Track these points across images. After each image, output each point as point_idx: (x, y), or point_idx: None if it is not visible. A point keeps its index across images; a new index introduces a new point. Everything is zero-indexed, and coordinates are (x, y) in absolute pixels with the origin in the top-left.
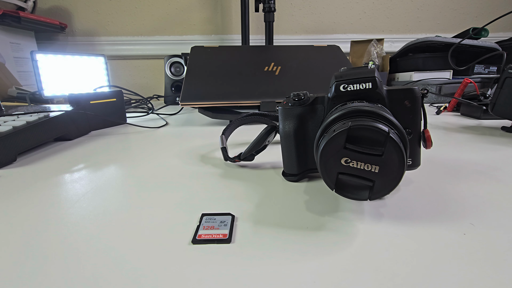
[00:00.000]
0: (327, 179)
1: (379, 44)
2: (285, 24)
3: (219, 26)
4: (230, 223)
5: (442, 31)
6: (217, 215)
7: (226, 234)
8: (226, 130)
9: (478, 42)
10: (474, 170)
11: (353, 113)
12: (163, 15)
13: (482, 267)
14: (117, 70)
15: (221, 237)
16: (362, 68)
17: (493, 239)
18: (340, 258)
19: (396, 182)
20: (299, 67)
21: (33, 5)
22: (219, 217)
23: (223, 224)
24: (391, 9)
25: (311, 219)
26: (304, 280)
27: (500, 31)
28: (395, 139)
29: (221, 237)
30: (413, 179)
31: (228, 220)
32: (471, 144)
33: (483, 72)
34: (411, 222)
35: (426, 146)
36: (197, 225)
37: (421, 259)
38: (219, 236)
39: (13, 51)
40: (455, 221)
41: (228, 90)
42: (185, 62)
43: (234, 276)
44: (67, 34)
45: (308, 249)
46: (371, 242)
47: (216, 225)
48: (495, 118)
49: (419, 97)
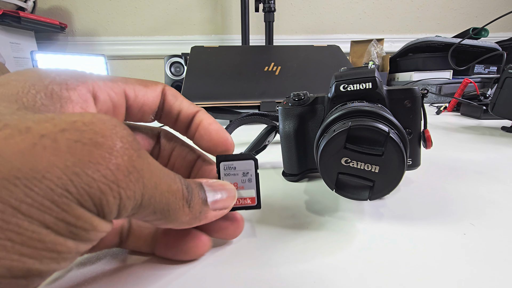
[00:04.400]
0: (327, 179)
1: (379, 44)
2: (285, 24)
3: (219, 26)
4: (255, 175)
5: (442, 31)
6: (236, 159)
7: (254, 197)
8: (226, 130)
9: (478, 42)
10: (474, 170)
11: (353, 113)
12: (163, 15)
13: (482, 267)
14: (117, 70)
15: (249, 203)
16: (362, 68)
17: (493, 239)
18: (340, 258)
19: (396, 182)
20: (299, 67)
21: (33, 5)
22: (239, 163)
23: (247, 179)
24: (391, 9)
25: (311, 219)
26: (304, 280)
27: (500, 31)
28: (395, 139)
29: (249, 203)
30: (413, 179)
31: (251, 170)
32: (471, 144)
33: (483, 72)
34: (411, 222)
35: (426, 146)
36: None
37: (421, 259)
38: (246, 201)
39: (13, 51)
40: (455, 221)
41: (228, 90)
42: (185, 62)
43: (233, 277)
44: (67, 34)
45: (308, 249)
46: (371, 242)
47: (239, 180)
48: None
49: (419, 97)
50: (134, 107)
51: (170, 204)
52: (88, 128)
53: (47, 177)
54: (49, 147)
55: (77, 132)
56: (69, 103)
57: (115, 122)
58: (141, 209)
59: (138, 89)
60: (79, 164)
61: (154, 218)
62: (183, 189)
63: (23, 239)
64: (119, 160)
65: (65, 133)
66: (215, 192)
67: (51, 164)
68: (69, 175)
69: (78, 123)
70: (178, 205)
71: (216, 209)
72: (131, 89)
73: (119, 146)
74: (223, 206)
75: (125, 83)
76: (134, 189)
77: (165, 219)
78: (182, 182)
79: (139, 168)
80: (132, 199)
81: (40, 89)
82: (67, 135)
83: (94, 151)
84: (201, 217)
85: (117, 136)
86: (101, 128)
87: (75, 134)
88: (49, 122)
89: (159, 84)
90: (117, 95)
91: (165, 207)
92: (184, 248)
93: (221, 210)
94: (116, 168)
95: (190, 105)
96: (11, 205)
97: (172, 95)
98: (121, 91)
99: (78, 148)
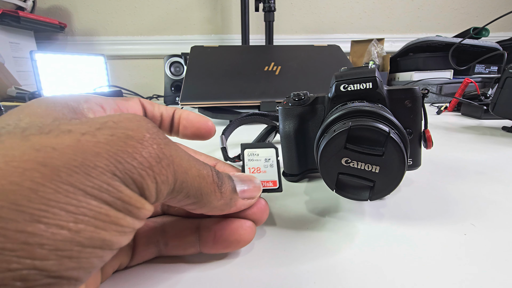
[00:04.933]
0: (328, 179)
1: (379, 44)
2: (285, 23)
3: (219, 26)
4: (276, 162)
5: (442, 31)
6: (259, 147)
7: (276, 181)
8: (226, 130)
9: (478, 42)
10: (474, 170)
11: (353, 113)
12: (163, 14)
13: (483, 267)
14: (116, 70)
15: (271, 186)
16: (363, 68)
17: (494, 239)
18: (340, 259)
19: (397, 182)
20: (299, 67)
21: (33, 4)
22: (261, 151)
23: (269, 164)
24: (392, 8)
25: (311, 220)
26: (304, 280)
27: (501, 31)
28: (396, 139)
29: (272, 186)
30: (414, 179)
31: (272, 157)
32: (472, 144)
33: (483, 72)
34: (411, 222)
35: (427, 146)
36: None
37: (422, 259)
38: (268, 184)
39: (12, 50)
40: (456, 221)
41: (228, 90)
42: (185, 62)
43: (233, 277)
44: (66, 34)
45: (308, 249)
46: (371, 243)
47: (261, 165)
48: (496, 118)
49: (419, 97)
50: None
51: (202, 188)
52: (118, 125)
53: (98, 164)
54: (91, 141)
55: (111, 129)
56: (91, 114)
57: (139, 117)
58: (174, 193)
59: (123, 103)
60: (120, 153)
61: (189, 202)
62: (213, 174)
63: (94, 214)
64: (149, 148)
65: (101, 130)
66: (243, 182)
67: (97, 154)
68: (114, 162)
69: (109, 123)
70: (210, 189)
71: (244, 197)
72: (121, 104)
73: (148, 137)
74: (250, 195)
75: (113, 100)
76: (167, 174)
77: (198, 203)
78: (211, 169)
79: (168, 154)
80: (166, 183)
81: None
82: (103, 131)
83: (128, 142)
84: (231, 203)
85: (144, 128)
86: (129, 124)
87: (109, 130)
88: (85, 124)
89: (135, 98)
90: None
91: (198, 191)
92: (234, 239)
93: (249, 200)
94: (149, 156)
95: (167, 108)
96: (78, 187)
97: (149, 103)
98: (116, 104)
99: (114, 141)
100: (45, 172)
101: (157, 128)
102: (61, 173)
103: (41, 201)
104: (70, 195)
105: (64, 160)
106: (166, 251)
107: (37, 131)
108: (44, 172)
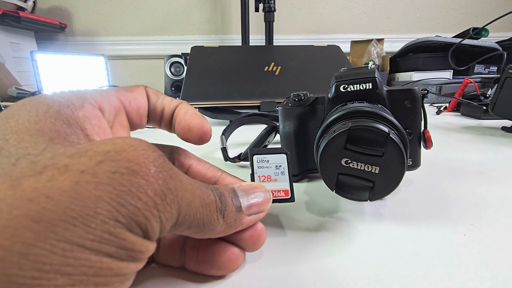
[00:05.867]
0: (327, 179)
1: (379, 44)
2: (285, 24)
3: (219, 26)
4: (287, 169)
5: (442, 31)
6: (269, 153)
7: (288, 190)
8: (226, 130)
9: (478, 42)
10: (474, 170)
11: (353, 114)
12: (163, 15)
13: (482, 267)
14: (117, 70)
15: (283, 196)
16: (362, 68)
17: (493, 239)
18: (340, 259)
19: (397, 182)
20: (299, 67)
21: (33, 5)
22: (271, 157)
23: (280, 172)
24: (391, 9)
25: (311, 220)
26: (304, 280)
27: (501, 31)
28: (395, 139)
29: (283, 196)
30: (414, 180)
31: (283, 164)
32: (472, 144)
33: (483, 72)
34: (411, 222)
35: (427, 146)
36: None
37: (422, 260)
38: (280, 193)
39: (13, 51)
40: (456, 221)
41: (228, 90)
42: (185, 62)
43: (233, 277)
44: (67, 34)
45: (308, 250)
46: (371, 243)
47: (272, 173)
48: (495, 118)
49: (419, 97)
50: (132, 113)
51: (204, 218)
52: (121, 156)
53: (99, 212)
54: (91, 182)
55: (113, 162)
56: (87, 124)
57: (144, 145)
58: (176, 226)
59: (127, 95)
60: (123, 195)
61: (190, 232)
62: (216, 200)
63: (95, 270)
64: (155, 185)
65: (102, 166)
66: (249, 196)
67: (98, 199)
68: (116, 206)
69: (111, 153)
70: (212, 217)
71: (251, 214)
72: (124, 96)
73: (153, 171)
74: (258, 210)
75: (116, 92)
76: (171, 211)
77: (200, 232)
78: (215, 194)
79: (173, 188)
80: (170, 220)
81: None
82: (105, 167)
83: (132, 180)
84: (236, 224)
85: (149, 160)
86: (133, 155)
87: (111, 164)
88: (84, 156)
89: (141, 87)
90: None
91: (200, 221)
92: (216, 263)
93: (257, 214)
94: (154, 194)
95: (172, 101)
96: (77, 243)
97: (154, 94)
98: (117, 99)
99: (117, 179)
100: (38, 230)
101: (163, 157)
102: (57, 228)
103: (34, 266)
104: (67, 253)
105: (60, 211)
106: (155, 259)
107: (29, 169)
108: (37, 230)
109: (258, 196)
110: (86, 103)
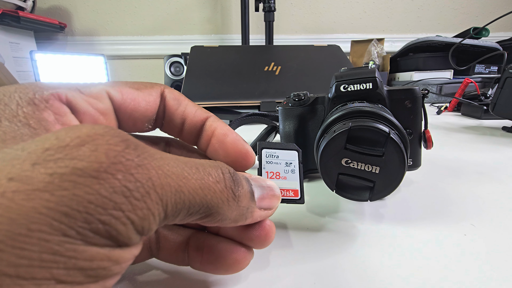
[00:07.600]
0: (328, 179)
1: (379, 44)
2: (285, 23)
3: (219, 26)
4: (299, 167)
5: (442, 31)
6: (279, 148)
7: (297, 190)
8: None
9: (478, 42)
10: (474, 170)
11: (353, 114)
12: (163, 14)
13: (483, 267)
14: (116, 70)
15: (292, 196)
16: (363, 68)
17: (494, 239)
18: (340, 259)
19: (397, 182)
20: (299, 67)
21: (33, 4)
22: (282, 152)
23: (290, 170)
24: (392, 8)
25: (311, 220)
26: (304, 281)
27: (501, 31)
28: (396, 139)
29: (292, 196)
30: (414, 180)
31: (294, 161)
32: (472, 144)
33: (483, 72)
34: (411, 223)
35: (427, 146)
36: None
37: (422, 260)
38: (289, 193)
39: (12, 50)
40: (456, 222)
41: (228, 90)
42: (185, 62)
43: (233, 277)
44: (66, 34)
45: (308, 250)
46: (371, 243)
47: (281, 169)
48: (496, 118)
49: (419, 97)
50: (122, 113)
51: (208, 201)
52: (63, 154)
53: (34, 228)
54: (21, 191)
55: (49, 163)
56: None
57: (96, 129)
58: (170, 218)
59: (126, 91)
60: (65, 201)
61: (195, 219)
62: (226, 178)
63: None
64: (110, 181)
65: (36, 169)
66: (261, 186)
67: (32, 211)
68: (59, 218)
69: (50, 151)
70: (222, 197)
71: (261, 207)
72: (117, 91)
73: (106, 164)
74: (268, 205)
75: (108, 86)
76: (147, 206)
77: (209, 217)
78: (223, 170)
79: (144, 178)
80: (150, 216)
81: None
82: (40, 170)
83: (77, 181)
84: (247, 214)
85: (101, 150)
86: (79, 149)
87: (48, 165)
88: (17, 159)
89: (156, 87)
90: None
91: (203, 206)
92: (223, 265)
93: (266, 211)
94: (111, 192)
95: (198, 110)
96: (6, 273)
97: (174, 99)
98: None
99: (55, 183)
100: None
101: (126, 143)
102: None
103: None
104: None
105: None
106: (158, 257)
107: None
108: None
109: (270, 190)
110: (52, 98)
